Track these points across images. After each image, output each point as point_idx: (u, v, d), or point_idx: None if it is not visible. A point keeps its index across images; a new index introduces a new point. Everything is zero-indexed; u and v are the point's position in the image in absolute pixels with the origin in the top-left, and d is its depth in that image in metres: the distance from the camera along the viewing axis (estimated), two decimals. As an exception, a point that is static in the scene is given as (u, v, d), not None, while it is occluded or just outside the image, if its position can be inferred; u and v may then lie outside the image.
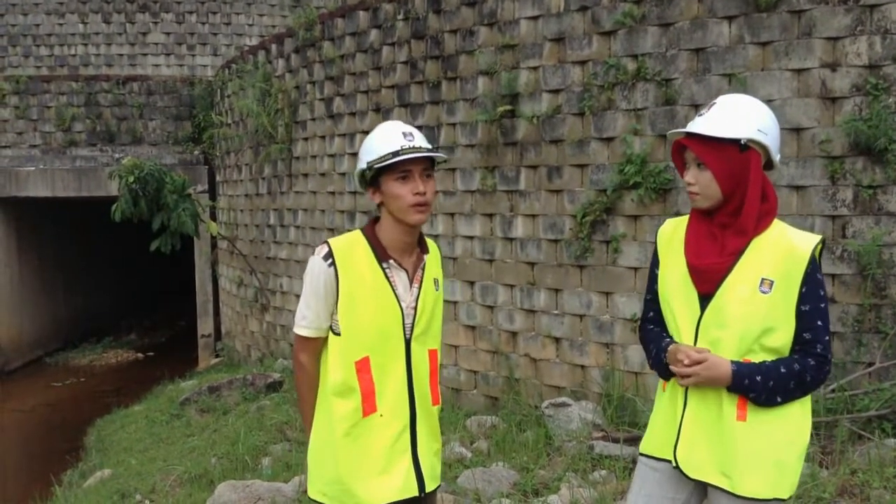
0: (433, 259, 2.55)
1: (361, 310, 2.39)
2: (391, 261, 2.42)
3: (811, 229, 5.02)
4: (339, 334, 2.41)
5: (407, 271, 2.45)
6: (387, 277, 2.41)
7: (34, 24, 16.76)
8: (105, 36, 16.81)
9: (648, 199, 5.56)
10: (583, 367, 6.00)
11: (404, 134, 2.39)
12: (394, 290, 2.42)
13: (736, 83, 5.17)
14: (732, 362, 2.22)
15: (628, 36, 5.66)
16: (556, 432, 5.34)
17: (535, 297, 6.27)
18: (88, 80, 14.19)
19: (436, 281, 2.52)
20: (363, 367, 2.39)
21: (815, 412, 4.60)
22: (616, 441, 4.97)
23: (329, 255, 2.39)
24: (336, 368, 2.41)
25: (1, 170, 13.17)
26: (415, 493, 2.42)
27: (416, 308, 2.44)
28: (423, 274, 2.48)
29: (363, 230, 2.47)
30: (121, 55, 16.78)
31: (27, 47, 16.76)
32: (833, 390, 4.83)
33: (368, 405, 2.39)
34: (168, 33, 16.88)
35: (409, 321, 2.43)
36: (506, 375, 6.45)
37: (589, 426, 5.30)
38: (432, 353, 2.51)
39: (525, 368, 6.36)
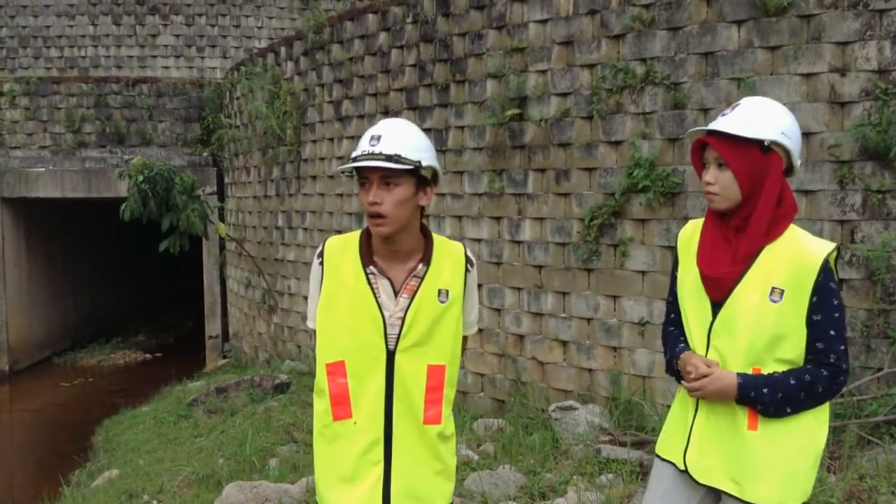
0: (446, 269, 2.38)
1: (338, 312, 2.35)
2: (372, 267, 2.34)
3: (820, 234, 5.00)
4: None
5: (391, 280, 2.34)
6: (369, 283, 2.33)
7: (44, 26, 16.85)
8: (115, 38, 16.88)
9: (657, 202, 5.56)
10: (590, 370, 5.99)
11: (371, 138, 2.29)
12: (376, 297, 2.32)
13: (745, 87, 5.17)
14: (739, 375, 2.21)
15: (637, 40, 5.67)
16: (563, 436, 5.34)
17: (543, 301, 6.28)
18: (98, 81, 14.25)
19: (443, 292, 2.35)
20: (336, 370, 2.35)
21: (823, 417, 4.62)
22: (623, 445, 4.97)
23: (321, 252, 2.41)
24: (317, 371, 2.42)
25: (11, 171, 13.24)
26: None
27: (403, 319, 2.32)
28: (418, 284, 2.33)
29: (362, 231, 2.42)
30: (130, 57, 16.85)
31: (37, 49, 16.85)
32: (841, 395, 4.82)
33: (340, 410, 2.35)
34: (177, 35, 16.94)
35: (393, 331, 2.31)
36: (513, 378, 6.45)
37: (596, 430, 5.29)
38: (434, 369, 2.35)
39: (532, 371, 6.36)
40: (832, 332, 2.20)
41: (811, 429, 2.26)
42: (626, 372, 5.77)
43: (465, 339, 2.51)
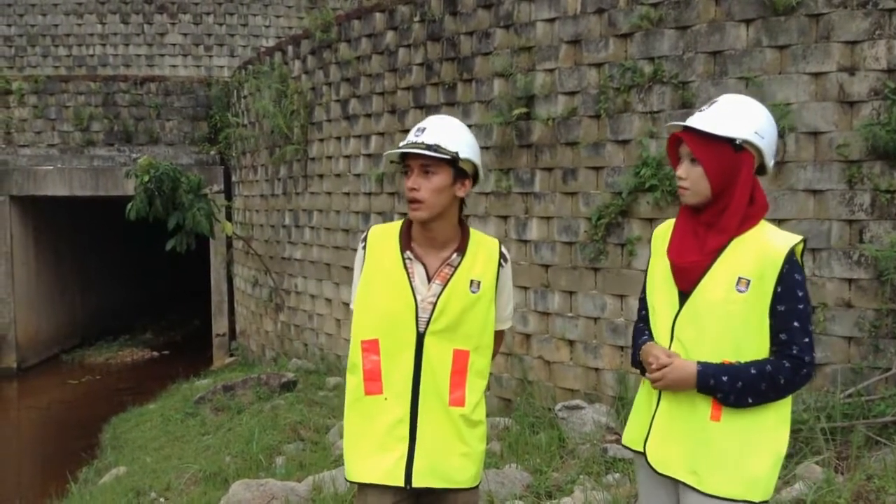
0: (479, 260, 2.50)
1: (375, 293, 2.49)
2: (409, 252, 2.48)
3: (828, 233, 5.00)
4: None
5: (425, 266, 2.47)
6: (405, 267, 2.46)
7: (53, 25, 16.92)
8: (123, 36, 16.94)
9: (664, 201, 5.55)
10: (597, 369, 5.99)
11: (417, 129, 2.47)
12: (410, 281, 2.45)
13: (753, 86, 5.15)
14: (699, 363, 2.23)
15: (645, 38, 5.65)
16: (570, 435, 5.34)
17: (550, 300, 6.27)
18: (106, 80, 14.30)
19: (475, 283, 2.47)
20: (370, 347, 2.47)
21: (830, 417, 4.61)
22: (630, 444, 4.96)
23: (365, 238, 2.56)
24: (351, 347, 2.53)
25: (20, 169, 13.29)
26: (400, 482, 2.43)
27: (434, 304, 2.44)
28: (452, 273, 2.46)
29: (405, 220, 2.56)
30: (138, 56, 16.90)
31: (46, 47, 16.91)
32: (850, 395, 4.80)
33: (372, 385, 2.47)
34: (185, 34, 16.99)
35: (424, 315, 2.44)
36: (519, 377, 6.45)
37: (602, 429, 5.29)
38: (459, 354, 2.47)
39: (539, 371, 6.36)
40: (796, 324, 2.20)
41: (773, 426, 2.25)
42: (633, 371, 5.76)
43: (501, 334, 2.67)
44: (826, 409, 4.69)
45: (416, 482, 2.43)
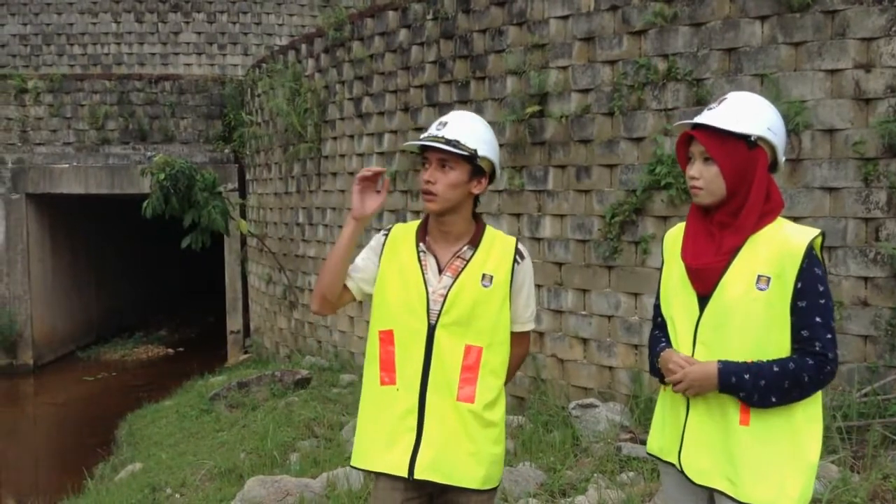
0: (493, 256, 2.50)
1: (390, 283, 2.52)
2: (423, 244, 2.52)
3: (844, 231, 4.97)
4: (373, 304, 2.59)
5: (437, 258, 2.51)
6: (419, 259, 2.51)
7: (68, 24, 17.02)
8: (137, 35, 17.02)
9: (679, 199, 5.53)
10: (610, 368, 5.98)
11: (439, 123, 2.50)
12: (423, 272, 2.49)
13: (768, 83, 5.13)
14: (719, 361, 2.17)
15: (659, 35, 5.64)
16: (584, 433, 5.33)
17: (563, 298, 6.27)
18: (121, 78, 14.38)
19: (487, 277, 2.47)
20: (386, 338, 2.51)
21: (847, 416, 4.58)
22: (644, 443, 4.95)
23: (389, 229, 2.61)
24: (369, 337, 2.57)
25: (35, 167, 13.39)
26: (403, 473, 2.43)
27: (445, 297, 2.46)
28: (464, 265, 2.48)
29: (424, 215, 2.61)
30: (153, 54, 16.98)
31: (61, 46, 17.02)
32: (866, 394, 4.77)
33: (387, 375, 2.50)
34: (199, 33, 17.05)
35: (435, 307, 2.46)
36: (532, 376, 6.45)
37: (616, 428, 5.28)
38: (470, 349, 2.45)
39: (552, 369, 6.35)
40: (818, 319, 2.14)
41: (804, 431, 2.20)
42: (647, 370, 5.74)
43: (523, 337, 2.61)
44: (842, 407, 4.66)
45: (418, 474, 2.42)
